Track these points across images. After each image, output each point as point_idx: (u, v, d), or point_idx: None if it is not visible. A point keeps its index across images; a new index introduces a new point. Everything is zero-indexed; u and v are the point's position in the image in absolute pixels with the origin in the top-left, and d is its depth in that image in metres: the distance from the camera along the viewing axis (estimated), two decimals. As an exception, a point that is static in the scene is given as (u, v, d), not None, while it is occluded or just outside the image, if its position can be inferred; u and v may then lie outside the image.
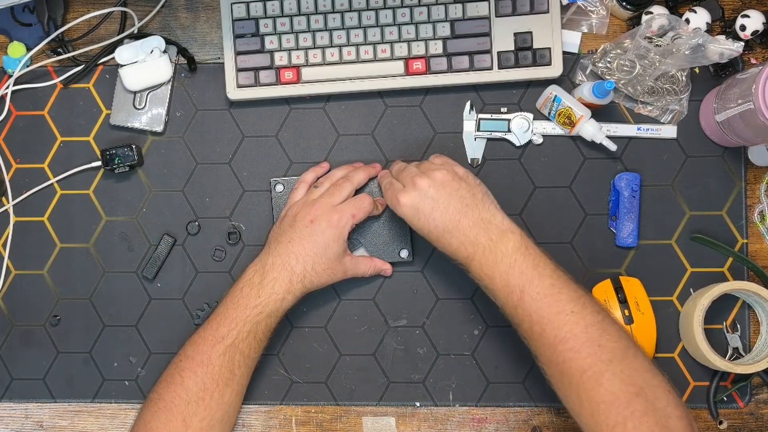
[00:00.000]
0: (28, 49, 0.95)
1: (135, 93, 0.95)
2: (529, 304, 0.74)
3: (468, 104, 0.94)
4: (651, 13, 0.91)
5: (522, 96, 0.94)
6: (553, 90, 0.91)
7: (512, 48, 0.92)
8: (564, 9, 0.92)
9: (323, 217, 0.84)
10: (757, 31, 0.90)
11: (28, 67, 0.96)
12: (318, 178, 0.91)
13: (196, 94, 0.96)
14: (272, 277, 0.83)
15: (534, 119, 0.92)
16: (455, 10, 0.91)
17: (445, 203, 0.79)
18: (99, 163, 0.95)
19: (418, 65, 0.92)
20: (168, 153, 0.96)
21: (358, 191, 0.89)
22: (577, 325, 0.72)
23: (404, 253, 0.92)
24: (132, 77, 0.94)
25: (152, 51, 0.94)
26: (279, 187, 0.93)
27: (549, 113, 0.92)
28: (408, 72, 0.92)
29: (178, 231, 0.95)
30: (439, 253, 0.93)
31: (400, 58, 0.92)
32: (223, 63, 0.94)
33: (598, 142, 0.90)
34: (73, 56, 0.96)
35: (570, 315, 0.72)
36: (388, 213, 0.91)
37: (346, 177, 0.88)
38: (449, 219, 0.79)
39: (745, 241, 0.92)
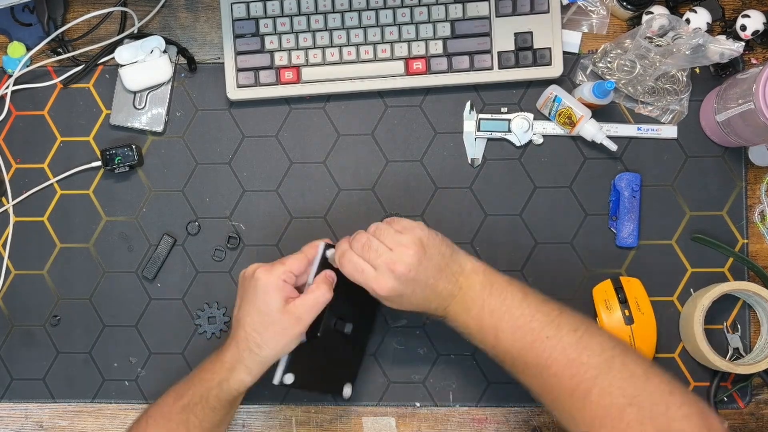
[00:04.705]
0: (28, 49, 0.95)
1: (135, 93, 0.95)
2: (505, 340, 0.73)
3: (468, 104, 0.93)
4: (651, 13, 0.91)
5: (522, 96, 0.94)
6: (554, 90, 0.91)
7: (512, 48, 0.92)
8: (564, 9, 0.92)
9: (258, 272, 0.78)
10: (758, 31, 0.90)
11: (28, 67, 0.95)
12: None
13: (196, 94, 0.96)
14: (225, 345, 0.80)
15: (534, 119, 0.92)
16: (455, 10, 0.91)
17: (424, 277, 0.75)
18: (99, 163, 0.94)
19: (419, 65, 0.92)
20: (168, 153, 0.96)
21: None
22: (555, 349, 0.71)
23: (347, 391, 0.88)
24: (132, 77, 0.94)
25: (152, 51, 0.94)
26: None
27: (549, 113, 0.92)
28: (408, 72, 0.92)
29: (178, 231, 0.95)
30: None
31: (400, 58, 0.92)
32: (223, 63, 0.94)
33: (599, 142, 0.90)
34: (73, 56, 0.96)
35: (546, 341, 0.71)
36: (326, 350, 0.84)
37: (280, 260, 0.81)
38: (429, 290, 0.75)
39: (746, 241, 0.92)
